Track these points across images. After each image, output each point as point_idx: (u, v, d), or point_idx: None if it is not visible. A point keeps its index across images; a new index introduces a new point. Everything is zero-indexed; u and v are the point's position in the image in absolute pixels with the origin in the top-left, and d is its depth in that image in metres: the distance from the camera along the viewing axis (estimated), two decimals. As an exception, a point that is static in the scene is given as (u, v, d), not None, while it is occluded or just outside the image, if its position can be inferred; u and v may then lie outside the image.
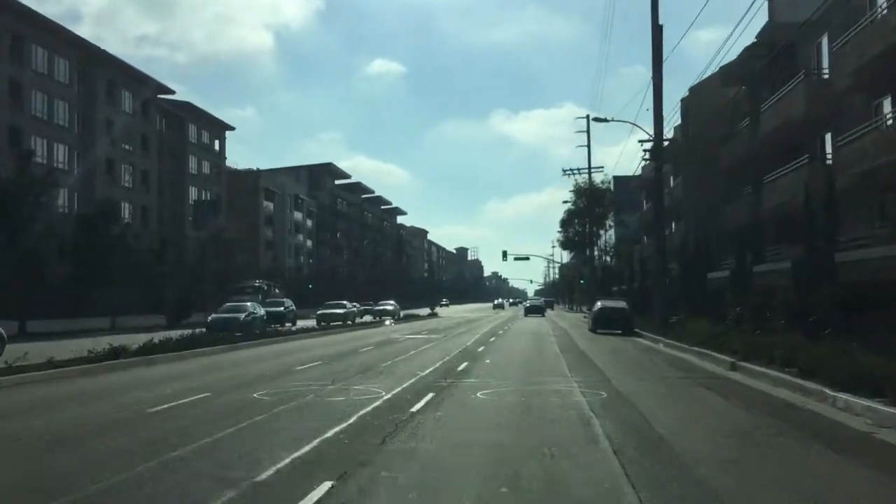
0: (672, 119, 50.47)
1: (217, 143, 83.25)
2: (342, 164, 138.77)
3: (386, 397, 11.96)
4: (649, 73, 29.18)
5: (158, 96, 70.78)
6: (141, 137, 67.08)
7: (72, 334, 31.82)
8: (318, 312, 47.78)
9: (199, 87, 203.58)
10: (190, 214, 71.71)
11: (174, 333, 23.51)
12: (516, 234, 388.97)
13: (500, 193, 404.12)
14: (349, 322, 46.89)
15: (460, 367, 17.27)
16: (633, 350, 24.14)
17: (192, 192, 75.41)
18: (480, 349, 23.94)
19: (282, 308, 43.49)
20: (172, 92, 72.38)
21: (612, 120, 32.30)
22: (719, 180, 39.50)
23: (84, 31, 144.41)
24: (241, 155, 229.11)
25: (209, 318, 32.09)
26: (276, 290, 50.64)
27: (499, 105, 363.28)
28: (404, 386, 13.51)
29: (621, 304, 35.51)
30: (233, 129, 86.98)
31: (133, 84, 65.72)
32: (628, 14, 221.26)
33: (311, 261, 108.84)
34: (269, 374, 15.96)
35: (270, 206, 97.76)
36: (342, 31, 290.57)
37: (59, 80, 56.90)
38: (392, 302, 61.83)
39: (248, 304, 34.64)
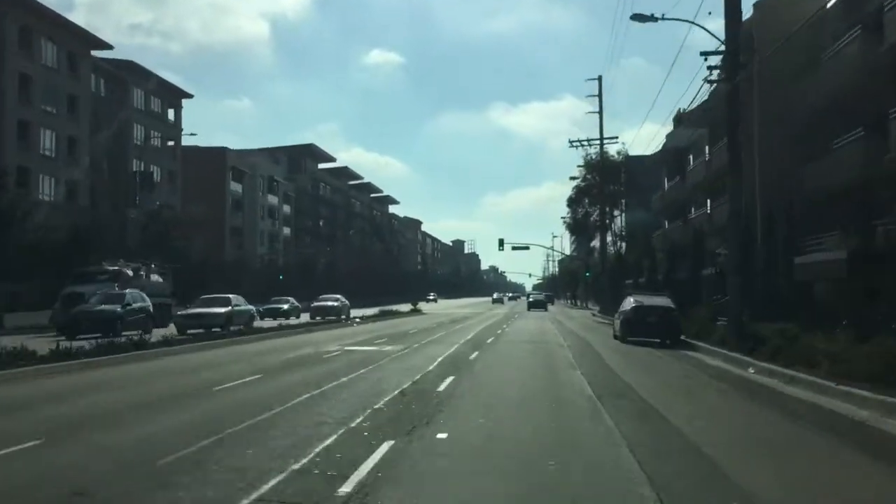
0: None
1: (171, 112, 72.14)
2: (339, 156, 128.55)
3: None
4: (649, 68, 18.37)
5: (93, 53, 59.69)
6: (67, 98, 55.81)
7: None
8: (179, 314, 30.51)
9: (194, 77, 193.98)
10: (132, 192, 60.40)
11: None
12: (514, 229, 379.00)
13: (498, 187, 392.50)
14: (240, 326, 29.02)
15: (353, 482, 6.36)
16: (732, 393, 13.29)
17: (139, 168, 64.03)
18: (446, 383, 13.09)
19: (117, 307, 26.00)
20: (110, 47, 61.15)
21: (663, 18, 21.41)
22: (794, 131, 28.53)
23: (77, 18, 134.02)
24: (236, 145, 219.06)
25: None
26: (155, 277, 33.95)
27: (497, 98, 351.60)
28: None
29: (664, 300, 24.67)
30: (191, 96, 75.89)
31: (57, 33, 54.64)
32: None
33: (288, 250, 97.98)
34: None
35: (239, 187, 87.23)
36: (339, 20, 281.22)
37: (-50, 20, 46.01)
38: (338, 297, 47.67)
39: None
